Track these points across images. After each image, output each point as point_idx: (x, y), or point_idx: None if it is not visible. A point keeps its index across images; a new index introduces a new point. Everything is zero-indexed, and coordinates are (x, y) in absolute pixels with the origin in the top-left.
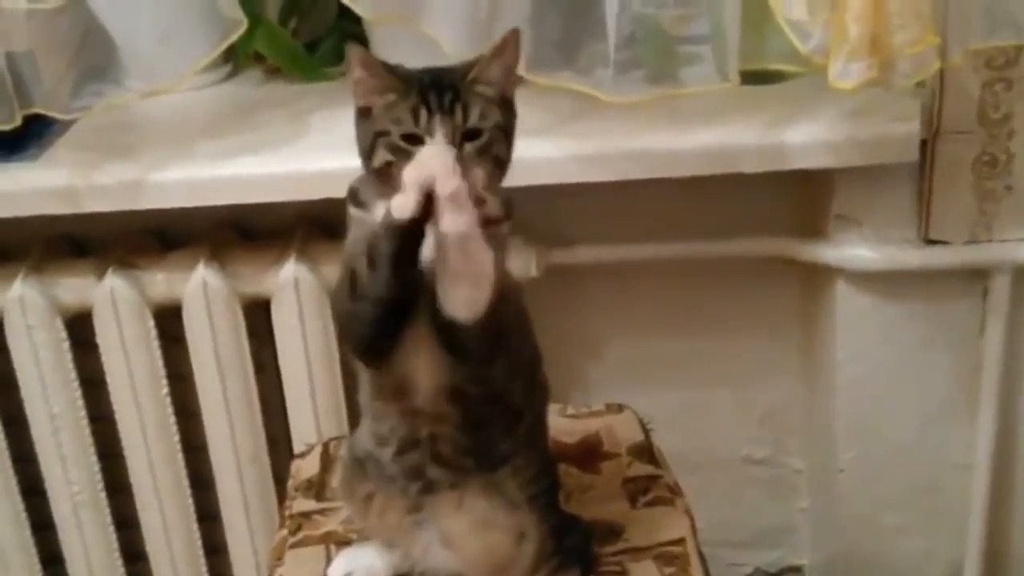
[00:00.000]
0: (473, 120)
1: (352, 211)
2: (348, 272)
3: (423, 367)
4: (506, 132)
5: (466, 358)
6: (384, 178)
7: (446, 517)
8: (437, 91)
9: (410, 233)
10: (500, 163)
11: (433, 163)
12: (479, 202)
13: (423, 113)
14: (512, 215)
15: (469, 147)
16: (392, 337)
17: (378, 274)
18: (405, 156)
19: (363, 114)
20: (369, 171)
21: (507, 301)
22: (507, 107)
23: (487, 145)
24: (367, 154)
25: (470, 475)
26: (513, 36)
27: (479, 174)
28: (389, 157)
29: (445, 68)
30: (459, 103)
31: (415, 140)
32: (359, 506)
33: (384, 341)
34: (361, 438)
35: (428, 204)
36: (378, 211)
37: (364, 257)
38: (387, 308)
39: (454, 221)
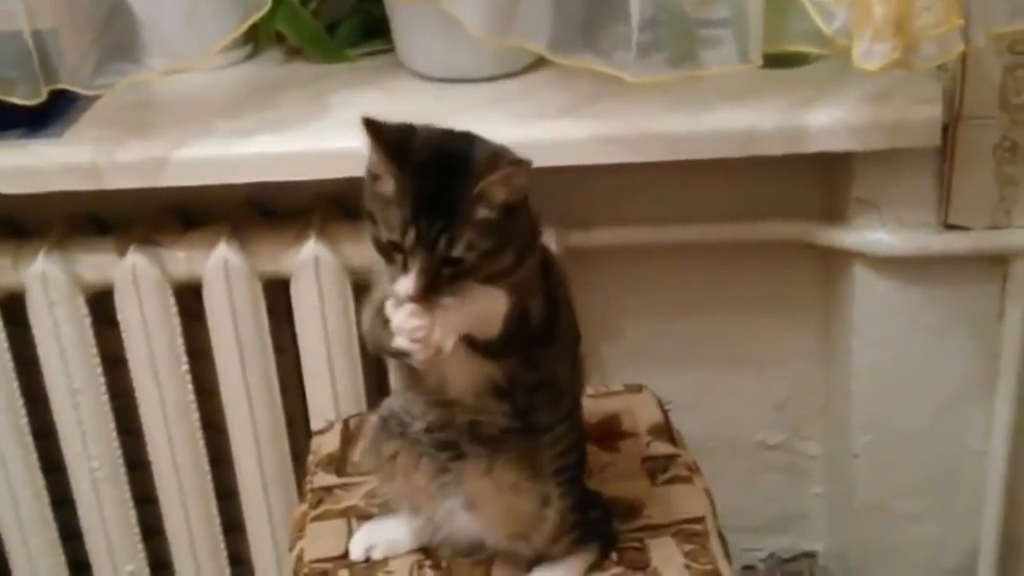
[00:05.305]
0: (457, 251)
1: (372, 258)
2: (373, 315)
3: (457, 367)
4: (502, 247)
5: (495, 356)
6: None
7: (472, 480)
8: (429, 214)
9: None
10: (500, 273)
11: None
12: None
13: (411, 235)
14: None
15: (446, 272)
16: None
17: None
18: (388, 257)
19: (371, 178)
20: None
21: (556, 288)
22: (511, 214)
23: (467, 271)
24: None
25: (506, 447)
26: (524, 168)
27: (448, 304)
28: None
29: (452, 168)
30: (446, 234)
31: (398, 248)
32: (384, 467)
33: None
34: (392, 403)
35: None
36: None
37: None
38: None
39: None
